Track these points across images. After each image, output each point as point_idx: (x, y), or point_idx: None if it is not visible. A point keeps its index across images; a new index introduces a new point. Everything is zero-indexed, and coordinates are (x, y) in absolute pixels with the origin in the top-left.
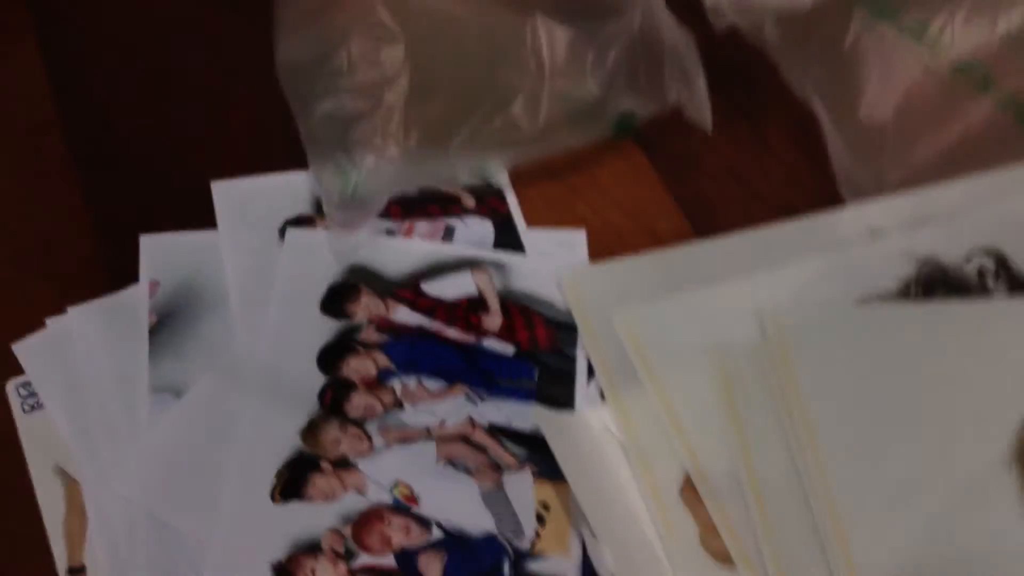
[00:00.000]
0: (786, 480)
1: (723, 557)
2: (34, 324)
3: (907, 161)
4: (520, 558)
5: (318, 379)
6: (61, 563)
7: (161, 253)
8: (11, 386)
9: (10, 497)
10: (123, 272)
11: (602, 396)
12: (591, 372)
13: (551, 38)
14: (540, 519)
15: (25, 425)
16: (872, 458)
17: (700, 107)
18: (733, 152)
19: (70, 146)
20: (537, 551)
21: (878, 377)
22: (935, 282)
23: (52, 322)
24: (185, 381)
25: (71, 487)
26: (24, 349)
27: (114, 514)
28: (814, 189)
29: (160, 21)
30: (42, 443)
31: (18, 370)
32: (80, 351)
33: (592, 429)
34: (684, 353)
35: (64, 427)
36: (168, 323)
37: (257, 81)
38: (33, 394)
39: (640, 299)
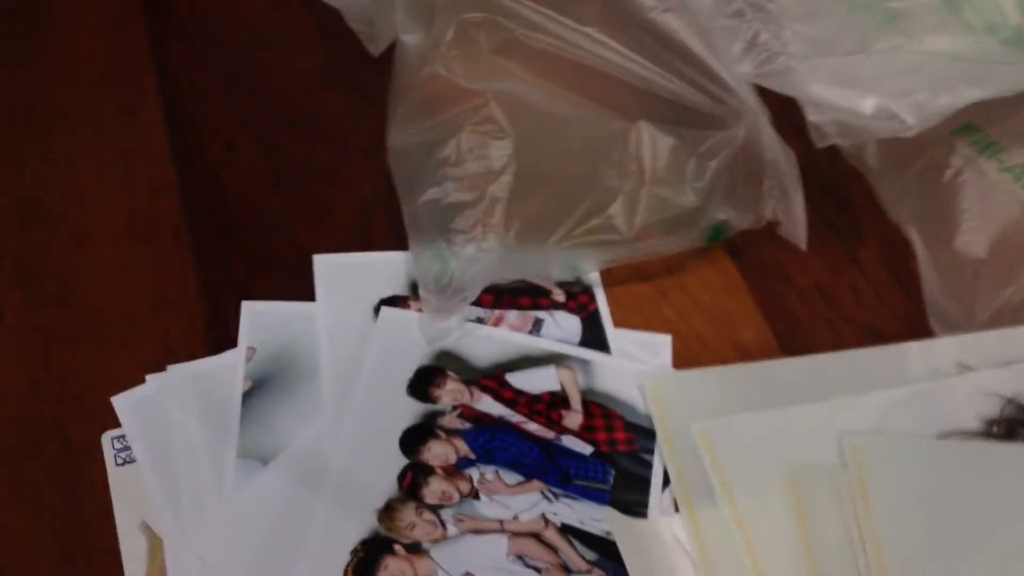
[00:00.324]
0: None
1: None
2: (135, 380)
3: (999, 299)
4: None
5: (399, 461)
6: None
7: (261, 320)
8: (107, 437)
9: (95, 547)
10: (224, 336)
11: (676, 505)
12: (667, 480)
13: (654, 144)
14: None
15: (116, 478)
16: None
17: (796, 225)
18: (823, 270)
19: (184, 209)
20: None
21: (955, 513)
22: (1018, 423)
23: (152, 379)
24: (272, 449)
25: (155, 544)
26: (123, 402)
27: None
28: (903, 315)
29: (281, 96)
30: (131, 497)
31: (116, 423)
32: (175, 410)
33: (663, 539)
34: (761, 471)
35: (153, 483)
36: (261, 390)
37: (366, 160)
38: (127, 447)
39: (721, 411)
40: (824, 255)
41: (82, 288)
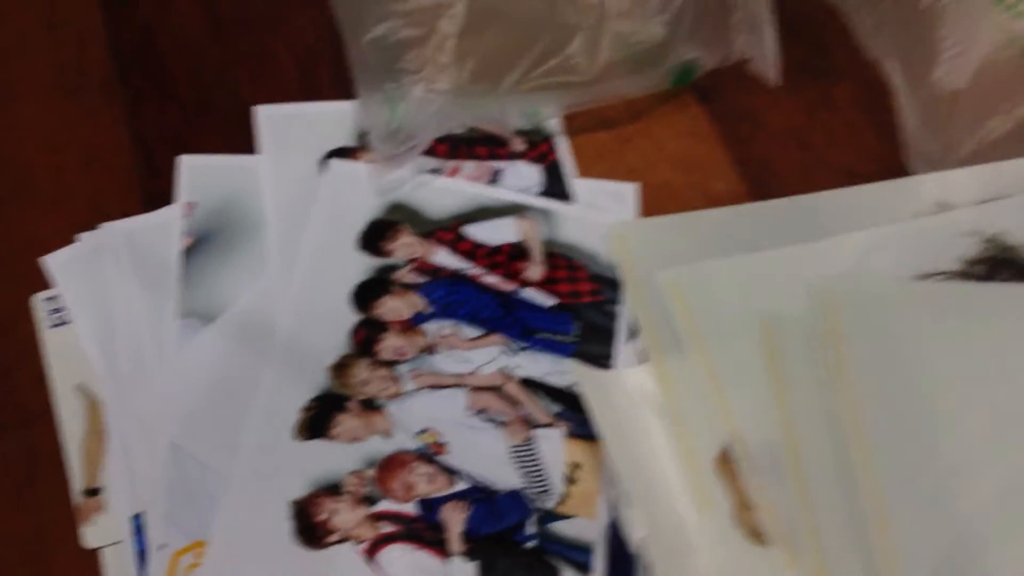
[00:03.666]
0: (829, 458)
1: (757, 534)
2: (66, 241)
3: (980, 133)
4: (545, 518)
5: (350, 317)
6: (78, 483)
7: (200, 175)
8: (37, 299)
9: (30, 413)
10: (160, 193)
11: (642, 357)
12: (634, 331)
13: None
14: (569, 479)
15: (50, 340)
16: (920, 441)
17: (767, 59)
18: (797, 112)
19: (115, 61)
20: (563, 512)
21: (932, 357)
22: (1000, 262)
23: (84, 238)
24: (216, 308)
25: (93, 407)
26: (54, 262)
27: (135, 438)
28: (880, 156)
29: None
30: (66, 360)
31: (46, 284)
32: (110, 268)
33: (630, 390)
34: (731, 319)
35: (90, 345)
36: (202, 247)
37: (308, 7)
38: (59, 309)
39: (690, 259)
40: (797, 97)
41: (6, 146)
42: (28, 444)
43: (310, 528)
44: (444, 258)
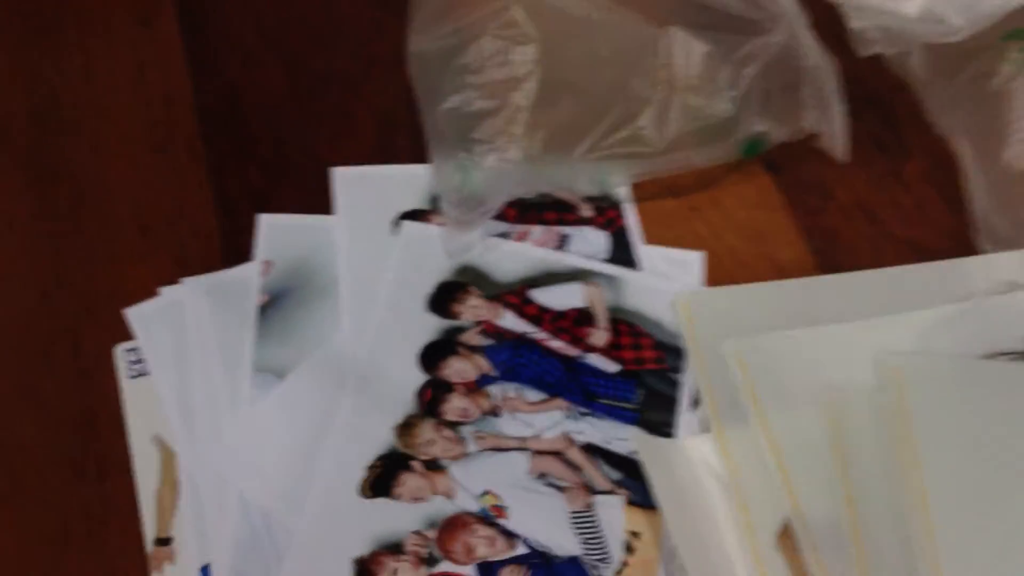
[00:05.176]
0: (892, 537)
1: None
2: (149, 293)
3: None
4: None
5: (417, 377)
6: (150, 532)
7: (277, 233)
8: (119, 350)
9: (107, 461)
10: (240, 249)
11: (704, 427)
12: (696, 400)
13: (687, 51)
14: (628, 548)
15: (129, 391)
16: (984, 523)
17: (836, 135)
18: (865, 186)
19: (200, 122)
20: None
21: (998, 438)
22: None
23: (166, 291)
24: (289, 364)
25: (167, 457)
26: (136, 315)
27: (206, 490)
28: (949, 233)
29: (301, 6)
30: (144, 410)
31: (128, 335)
32: (190, 322)
33: (691, 460)
34: (796, 391)
35: (166, 396)
36: (278, 304)
37: (388, 71)
38: (140, 360)
39: (755, 329)
40: (867, 170)
41: (98, 201)
42: (105, 491)
43: None
44: (510, 321)
